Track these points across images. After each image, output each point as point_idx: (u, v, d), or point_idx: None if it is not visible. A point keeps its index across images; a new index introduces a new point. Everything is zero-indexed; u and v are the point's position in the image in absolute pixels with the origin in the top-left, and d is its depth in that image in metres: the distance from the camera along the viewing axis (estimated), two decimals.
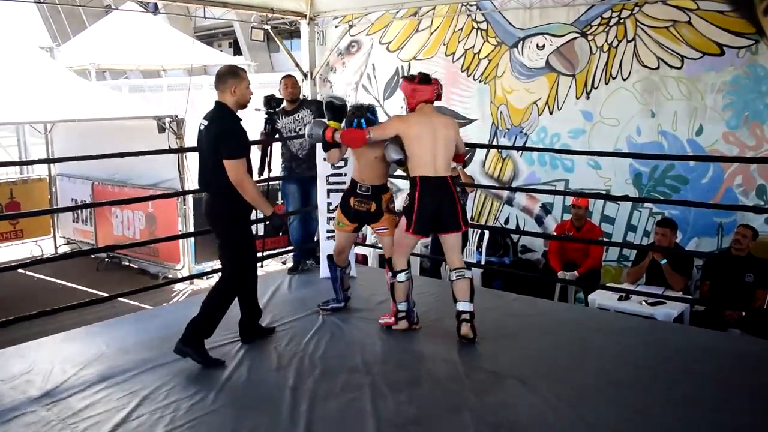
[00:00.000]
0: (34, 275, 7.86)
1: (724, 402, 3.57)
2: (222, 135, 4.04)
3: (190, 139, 8.34)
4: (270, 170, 5.57)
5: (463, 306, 4.37)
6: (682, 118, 6.82)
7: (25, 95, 8.19)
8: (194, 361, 4.05)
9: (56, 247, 10.07)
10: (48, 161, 9.99)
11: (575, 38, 7.41)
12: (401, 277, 4.55)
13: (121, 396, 3.67)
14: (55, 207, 9.93)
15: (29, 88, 8.42)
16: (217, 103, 4.15)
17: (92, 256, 9.19)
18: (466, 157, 5.10)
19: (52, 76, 9.35)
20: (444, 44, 8.43)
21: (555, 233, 7.21)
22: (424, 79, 4.52)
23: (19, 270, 6.23)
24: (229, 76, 4.13)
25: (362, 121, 4.49)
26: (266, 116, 5.76)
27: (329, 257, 5.02)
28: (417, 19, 8.61)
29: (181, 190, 8.25)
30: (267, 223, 4.48)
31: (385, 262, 4.81)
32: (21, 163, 9.82)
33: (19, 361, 4.18)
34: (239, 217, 4.22)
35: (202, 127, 4.16)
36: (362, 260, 7.46)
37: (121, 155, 5.19)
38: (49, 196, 10.05)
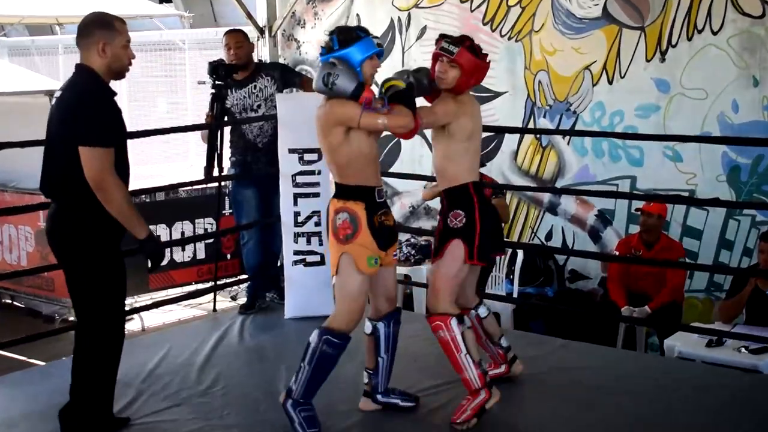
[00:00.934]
0: None
1: None
2: (78, 111, 3.79)
3: None
4: (221, 169, 5.62)
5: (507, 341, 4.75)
6: None
7: None
8: None
9: None
10: None
11: None
12: (467, 321, 4.49)
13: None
14: None
15: None
16: (78, 66, 3.95)
17: None
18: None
19: None
20: None
21: (617, 253, 7.24)
22: (481, 52, 4.47)
23: None
24: (96, 26, 3.90)
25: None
26: (212, 91, 5.78)
27: (339, 336, 4.21)
28: None
29: None
30: (140, 250, 4.06)
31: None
32: None
33: None
34: (102, 239, 3.92)
35: (54, 101, 4.00)
36: None
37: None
38: None
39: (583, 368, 5.03)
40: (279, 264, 6.27)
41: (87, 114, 3.77)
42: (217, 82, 5.71)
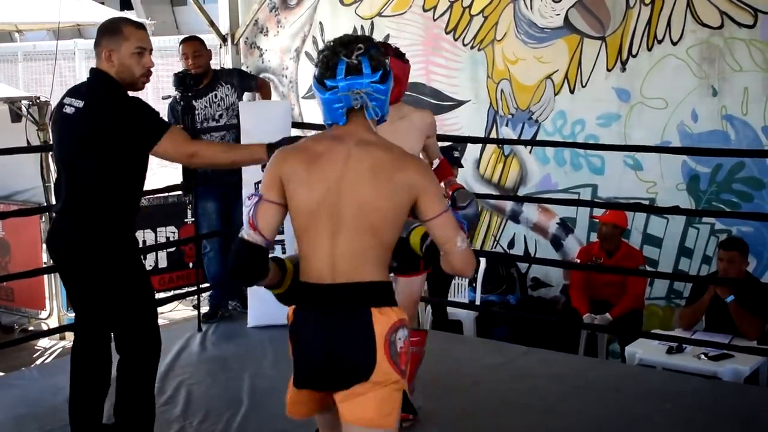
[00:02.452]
0: None
1: None
2: (120, 120, 3.63)
3: None
4: (193, 180, 5.58)
5: None
6: (755, 97, 6.85)
7: None
8: None
9: None
10: None
11: None
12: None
13: None
14: None
15: None
16: (92, 71, 3.77)
17: None
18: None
19: None
20: None
21: (578, 261, 7.28)
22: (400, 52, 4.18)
23: None
24: (102, 32, 3.70)
25: None
26: (180, 102, 5.72)
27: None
28: None
29: (45, 204, 8.17)
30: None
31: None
32: None
33: None
34: (131, 250, 3.90)
35: (72, 110, 3.70)
36: None
37: None
38: None
39: (546, 376, 5.05)
40: None
41: (141, 117, 3.67)
42: (183, 94, 5.65)
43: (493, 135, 8.20)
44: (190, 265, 8.07)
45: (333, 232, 2.69)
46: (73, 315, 8.22)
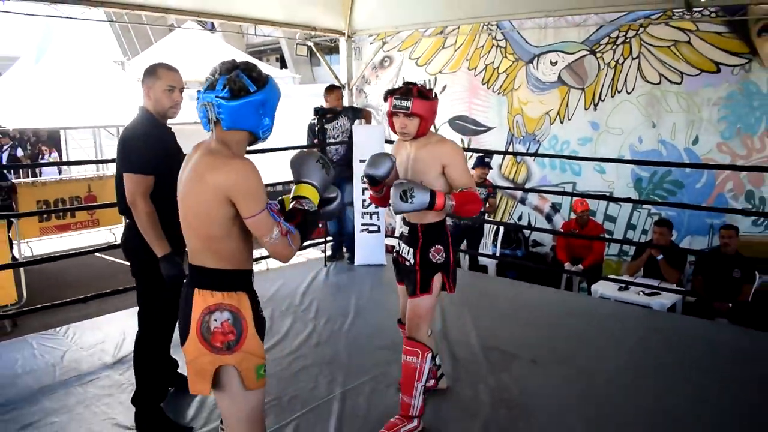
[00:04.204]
0: (108, 258, 7.98)
1: (709, 383, 3.56)
2: (125, 141, 2.96)
3: None
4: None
5: (439, 360, 3.51)
6: (680, 128, 6.75)
7: (101, 102, 8.36)
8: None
9: None
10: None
11: (585, 55, 7.36)
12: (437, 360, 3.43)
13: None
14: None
15: (104, 96, 8.59)
16: (140, 108, 3.07)
17: None
18: None
19: (123, 85, 9.54)
20: (467, 59, 8.42)
21: (562, 230, 7.18)
22: (427, 90, 3.00)
23: (96, 254, 6.34)
24: (144, 73, 3.02)
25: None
26: (316, 126, 5.74)
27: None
28: (443, 37, 8.61)
29: None
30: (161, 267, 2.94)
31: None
32: (96, 162, 10.15)
33: (95, 333, 4.30)
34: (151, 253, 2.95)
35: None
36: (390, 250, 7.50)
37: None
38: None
39: (541, 302, 5.00)
40: (351, 230, 6.24)
41: (129, 145, 2.94)
42: (320, 121, 5.66)
43: (510, 149, 8.11)
44: (320, 224, 8.16)
45: (183, 223, 2.10)
46: None
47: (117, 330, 4.32)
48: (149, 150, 2.92)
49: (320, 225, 6.26)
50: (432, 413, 3.17)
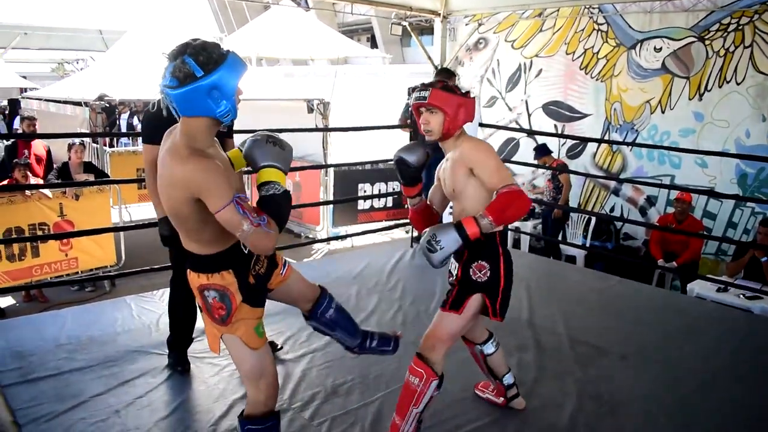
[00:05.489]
0: None
1: None
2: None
3: (335, 120, 8.53)
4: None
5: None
6: None
7: None
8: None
9: None
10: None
11: (692, 42, 7.02)
12: (490, 347, 2.98)
13: (270, 335, 3.76)
14: None
15: None
16: None
17: None
18: None
19: None
20: (565, 43, 8.19)
21: (658, 224, 6.92)
22: (459, 90, 2.67)
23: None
24: None
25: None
26: (410, 106, 5.75)
27: (263, 419, 2.31)
28: (541, 19, 8.40)
29: (324, 163, 8.47)
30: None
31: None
32: None
33: (158, 305, 4.33)
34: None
35: None
36: None
37: (279, 131, 5.34)
38: None
39: (632, 297, 4.84)
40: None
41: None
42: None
43: (606, 138, 7.86)
44: (406, 205, 8.19)
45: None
46: (335, 230, 8.58)
47: None
48: (152, 124, 2.94)
49: (405, 206, 6.27)
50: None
